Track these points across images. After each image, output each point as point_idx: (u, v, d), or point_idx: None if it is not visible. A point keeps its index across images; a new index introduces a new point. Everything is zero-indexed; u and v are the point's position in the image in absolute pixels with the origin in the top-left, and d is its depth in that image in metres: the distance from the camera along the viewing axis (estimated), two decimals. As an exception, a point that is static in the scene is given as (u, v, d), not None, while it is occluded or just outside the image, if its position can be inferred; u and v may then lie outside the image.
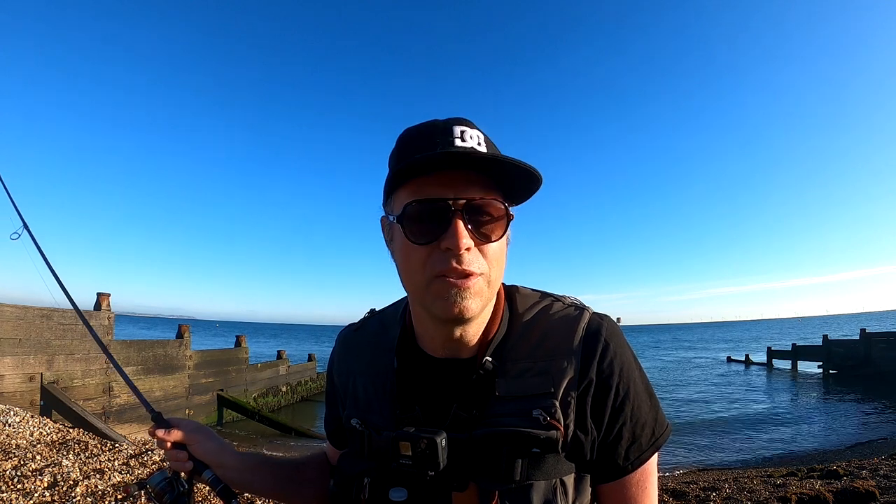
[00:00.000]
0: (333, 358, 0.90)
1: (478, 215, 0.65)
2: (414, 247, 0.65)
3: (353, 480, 0.72)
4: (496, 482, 0.64)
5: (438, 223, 0.63)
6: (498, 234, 0.67)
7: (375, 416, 0.75)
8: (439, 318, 0.67)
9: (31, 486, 3.43)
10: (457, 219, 0.63)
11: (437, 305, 0.65)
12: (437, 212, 0.63)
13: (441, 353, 0.74)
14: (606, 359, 0.69)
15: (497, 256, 0.68)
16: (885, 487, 4.80)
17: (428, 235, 0.64)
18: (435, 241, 0.64)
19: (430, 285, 0.65)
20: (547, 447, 0.65)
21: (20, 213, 1.13)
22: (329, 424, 0.92)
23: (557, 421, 0.66)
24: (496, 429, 0.66)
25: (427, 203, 0.64)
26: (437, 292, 0.64)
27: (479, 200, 0.64)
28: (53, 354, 9.11)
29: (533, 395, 0.67)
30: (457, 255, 0.63)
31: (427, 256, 0.64)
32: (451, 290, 0.63)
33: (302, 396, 18.85)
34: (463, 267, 0.63)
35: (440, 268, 0.63)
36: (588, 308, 0.75)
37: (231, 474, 0.86)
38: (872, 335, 24.55)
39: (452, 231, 0.62)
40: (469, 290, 0.64)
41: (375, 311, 0.91)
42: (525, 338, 0.73)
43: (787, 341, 38.23)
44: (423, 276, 0.65)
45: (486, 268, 0.66)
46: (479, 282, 0.65)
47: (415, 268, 0.66)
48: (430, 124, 0.70)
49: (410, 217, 0.64)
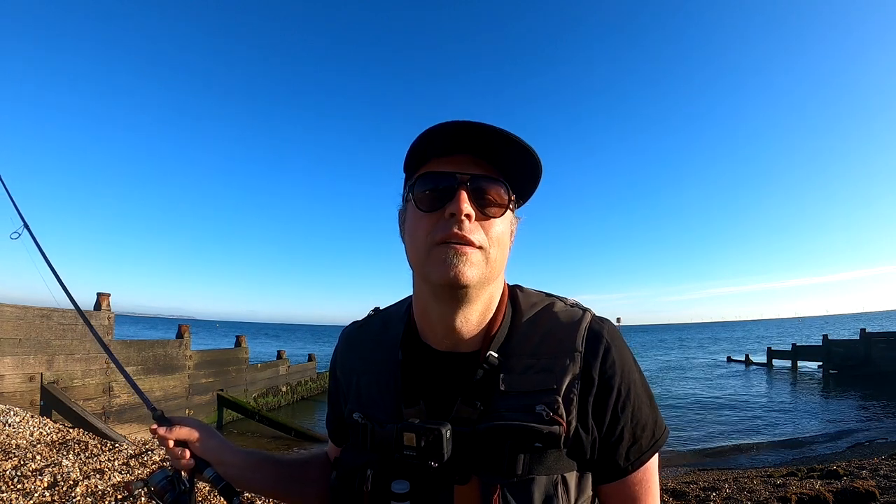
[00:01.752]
0: (337, 354, 0.91)
1: (481, 192, 0.70)
2: (421, 214, 0.70)
3: (356, 472, 0.72)
4: (498, 476, 0.65)
5: (445, 193, 0.69)
6: (498, 213, 0.71)
7: (378, 409, 0.76)
8: (437, 284, 0.69)
9: (31, 486, 3.42)
10: (461, 189, 0.69)
11: (435, 271, 0.68)
12: (445, 182, 0.70)
13: (444, 345, 0.75)
14: (609, 360, 0.71)
15: (498, 237, 0.71)
16: (885, 487, 4.80)
17: (434, 203, 0.70)
18: (440, 209, 0.69)
19: (431, 251, 0.69)
20: (549, 442, 0.66)
21: (20, 213, 1.13)
22: (331, 422, 0.92)
23: (560, 416, 0.67)
24: (499, 423, 0.67)
25: (437, 175, 0.70)
26: (437, 256, 0.68)
27: (484, 180, 0.71)
28: (53, 354, 9.11)
29: (536, 390, 0.69)
30: (458, 221, 0.67)
31: (432, 224, 0.69)
32: (449, 253, 0.67)
33: (302, 396, 18.85)
34: (463, 233, 0.67)
35: (441, 234, 0.68)
36: (589, 310, 0.78)
37: (233, 472, 0.86)
38: (872, 335, 24.60)
39: (456, 198, 0.68)
40: (466, 255, 0.67)
41: (379, 309, 0.92)
42: (528, 335, 0.74)
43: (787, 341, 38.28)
44: (425, 244, 0.69)
45: (486, 243, 0.70)
46: (477, 253, 0.69)
47: (420, 236, 0.70)
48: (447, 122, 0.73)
49: (420, 185, 0.71)
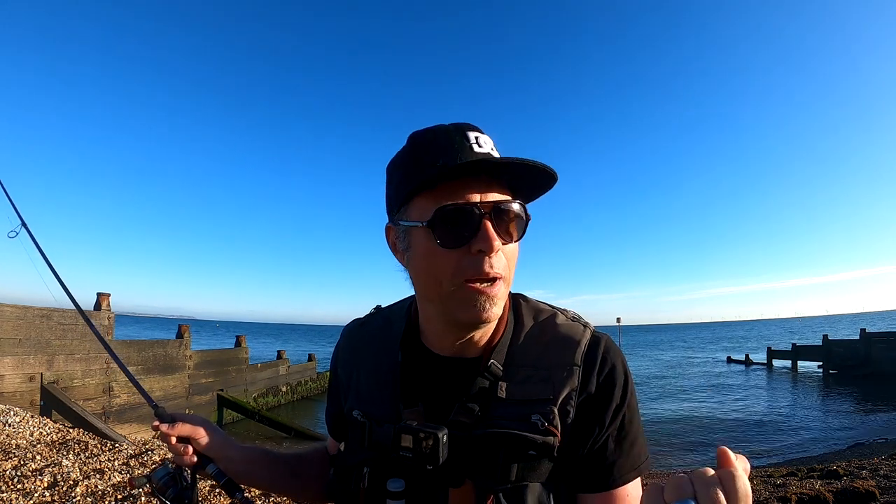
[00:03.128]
0: (338, 351, 0.91)
1: (502, 216, 0.66)
2: (443, 252, 0.65)
3: (353, 470, 0.73)
4: (492, 481, 0.65)
5: (468, 226, 0.64)
6: (518, 234, 0.69)
7: (377, 408, 0.76)
8: (463, 324, 0.68)
9: (31, 486, 3.42)
10: (486, 220, 0.64)
11: (464, 312, 0.66)
12: (468, 215, 0.64)
13: (448, 352, 0.75)
14: (605, 374, 0.71)
15: (514, 257, 0.70)
16: (885, 487, 4.80)
17: (459, 240, 0.65)
18: (465, 245, 0.65)
19: (458, 292, 0.65)
20: (543, 451, 0.67)
21: (17, 211, 1.12)
22: (330, 417, 0.92)
23: (555, 427, 0.67)
24: (495, 430, 0.67)
25: (458, 208, 0.64)
26: (465, 299, 0.65)
27: (504, 202, 0.66)
28: (53, 354, 9.11)
29: (533, 400, 0.69)
30: (488, 257, 0.64)
31: (457, 262, 0.65)
32: (480, 298, 0.65)
33: (302, 396, 18.86)
34: (494, 271, 0.65)
35: (471, 273, 0.64)
36: (590, 325, 0.77)
37: (235, 468, 0.87)
38: (872, 335, 24.61)
39: (484, 233, 0.64)
40: (496, 296, 0.66)
41: (381, 307, 0.92)
42: (529, 345, 0.74)
43: (787, 341, 38.24)
44: (450, 282, 0.66)
45: (507, 270, 0.68)
46: (501, 286, 0.67)
47: (442, 273, 0.66)
48: (442, 130, 0.70)
49: (443, 221, 0.64)
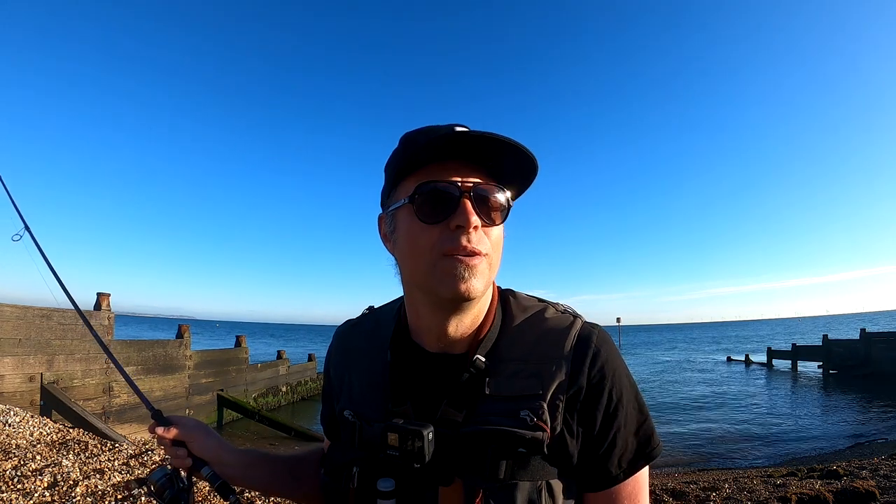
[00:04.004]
0: (330, 352, 0.92)
1: (483, 199, 0.69)
2: (423, 226, 0.68)
3: (343, 469, 0.73)
4: (481, 479, 0.65)
5: (448, 204, 0.67)
6: (499, 219, 0.71)
7: (368, 408, 0.76)
8: (444, 298, 0.69)
9: (31, 486, 3.42)
10: (465, 199, 0.67)
11: (444, 284, 0.67)
12: (448, 193, 0.67)
13: (435, 347, 0.75)
14: (597, 366, 0.70)
15: (497, 243, 0.72)
16: (885, 487, 4.80)
17: (438, 215, 0.67)
18: (444, 221, 0.67)
19: (438, 264, 0.67)
20: (532, 448, 0.66)
21: (21, 215, 1.13)
22: (325, 418, 0.93)
23: (544, 423, 0.67)
24: (483, 427, 0.67)
25: (438, 184, 0.68)
26: (445, 270, 0.66)
27: (485, 185, 0.69)
28: (53, 354, 9.12)
29: (522, 395, 0.68)
30: (466, 233, 0.66)
31: (437, 236, 0.67)
32: (459, 267, 0.66)
33: (302, 396, 18.86)
34: (472, 245, 0.66)
35: (449, 246, 0.66)
36: (581, 316, 0.77)
37: (230, 471, 0.88)
38: (872, 335, 24.57)
39: (462, 209, 0.66)
40: (475, 268, 0.67)
41: (374, 308, 0.93)
42: (518, 340, 0.74)
43: (787, 341, 38.24)
44: (430, 256, 0.67)
45: (490, 249, 0.69)
46: (483, 262, 0.68)
47: (423, 248, 0.68)
48: (432, 126, 0.72)
49: (422, 197, 0.68)
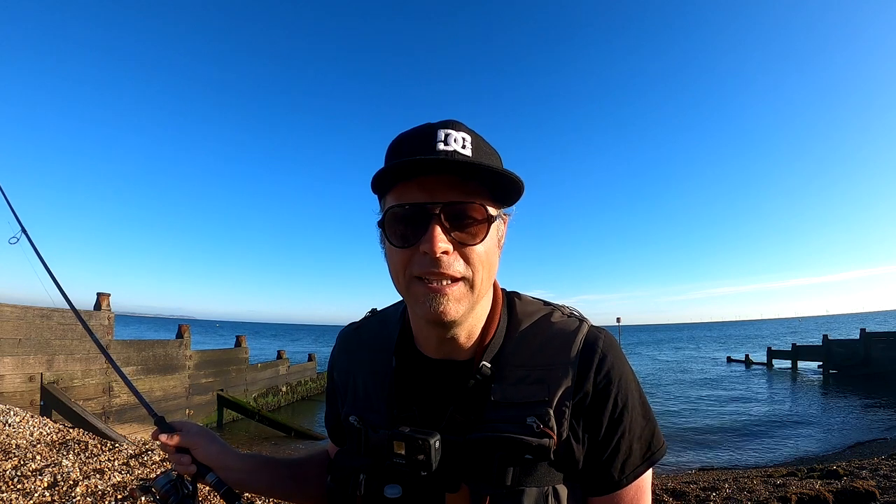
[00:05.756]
0: (334, 356, 0.92)
1: (458, 218, 0.65)
2: (395, 250, 0.67)
3: (350, 476, 0.73)
4: (488, 486, 0.65)
5: (416, 227, 0.65)
6: (480, 236, 0.67)
7: (373, 414, 0.76)
8: (426, 321, 0.69)
9: (31, 486, 3.42)
10: (434, 223, 0.64)
11: (418, 307, 0.67)
12: (415, 216, 0.65)
13: (437, 353, 0.75)
14: (603, 371, 0.70)
15: (482, 259, 0.68)
16: (885, 487, 4.80)
17: (408, 239, 0.66)
18: (414, 245, 0.65)
19: (410, 287, 0.67)
20: (539, 455, 0.66)
21: (18, 219, 1.14)
22: (329, 421, 0.93)
23: (551, 429, 0.67)
24: (490, 434, 0.66)
25: (405, 207, 0.65)
26: (416, 295, 0.66)
27: (458, 205, 0.65)
28: (53, 354, 9.12)
29: (528, 402, 0.68)
30: (433, 259, 0.64)
31: (408, 259, 0.66)
32: (429, 295, 0.65)
33: (302, 396, 18.88)
34: (441, 270, 0.64)
35: (418, 270, 0.65)
36: (587, 320, 0.76)
37: (234, 476, 0.88)
38: (872, 335, 24.55)
39: (429, 235, 0.63)
40: (447, 295, 0.65)
41: (376, 310, 0.92)
42: (523, 345, 0.73)
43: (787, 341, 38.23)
44: (403, 279, 0.67)
45: (469, 272, 0.66)
46: (459, 286, 0.66)
47: (397, 270, 0.68)
48: (420, 129, 0.70)
49: (391, 221, 0.67)
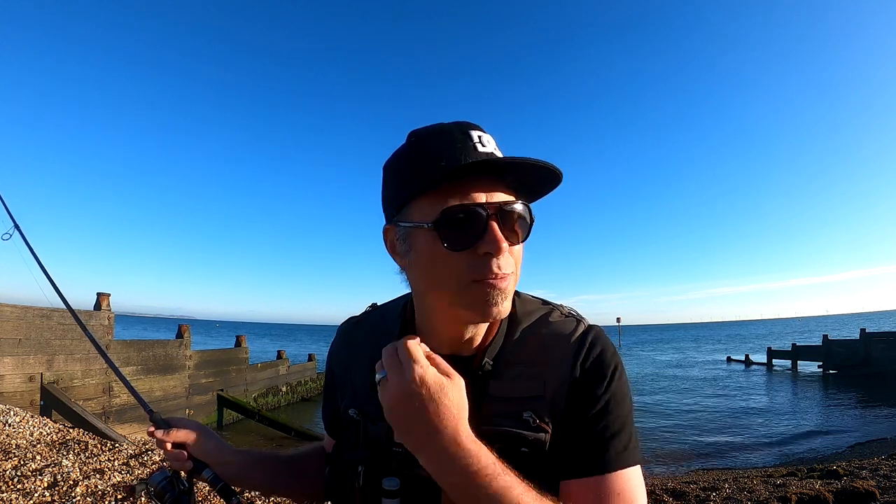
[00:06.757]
0: (333, 349, 0.91)
1: (508, 218, 0.66)
2: (449, 254, 0.65)
3: (348, 468, 0.74)
4: None
5: (475, 228, 0.64)
6: (524, 234, 0.69)
7: (372, 406, 0.75)
8: (473, 321, 0.69)
9: (31, 486, 3.42)
10: (492, 222, 0.64)
11: (474, 309, 0.66)
12: (474, 217, 0.64)
13: (446, 349, 0.74)
14: (591, 360, 0.71)
15: (520, 258, 0.71)
16: (885, 487, 4.80)
17: (467, 242, 0.64)
18: (472, 247, 0.64)
19: (467, 290, 0.65)
20: (535, 449, 0.67)
21: (11, 214, 1.13)
22: (327, 415, 0.93)
23: (546, 423, 0.68)
24: (487, 428, 0.67)
25: (463, 209, 0.64)
26: (476, 297, 0.65)
27: (509, 203, 0.66)
28: (53, 354, 9.11)
29: (524, 397, 0.69)
30: (497, 260, 0.64)
31: (465, 263, 0.65)
32: (491, 293, 0.65)
33: (302, 396, 18.87)
34: (502, 271, 0.65)
35: (479, 272, 0.64)
36: (584, 319, 0.77)
37: (230, 472, 0.87)
38: (872, 335, 24.55)
39: (491, 235, 0.64)
40: (505, 291, 0.66)
41: (377, 305, 0.92)
42: (523, 343, 0.74)
43: (787, 341, 38.21)
44: (459, 283, 0.65)
45: (515, 268, 0.68)
46: (510, 282, 0.67)
47: (450, 274, 0.66)
48: (444, 129, 0.70)
49: (448, 223, 0.64)
